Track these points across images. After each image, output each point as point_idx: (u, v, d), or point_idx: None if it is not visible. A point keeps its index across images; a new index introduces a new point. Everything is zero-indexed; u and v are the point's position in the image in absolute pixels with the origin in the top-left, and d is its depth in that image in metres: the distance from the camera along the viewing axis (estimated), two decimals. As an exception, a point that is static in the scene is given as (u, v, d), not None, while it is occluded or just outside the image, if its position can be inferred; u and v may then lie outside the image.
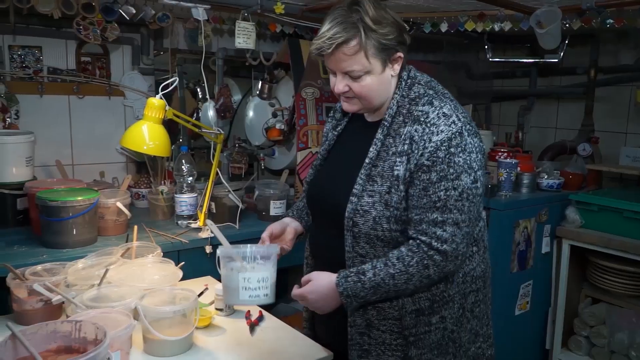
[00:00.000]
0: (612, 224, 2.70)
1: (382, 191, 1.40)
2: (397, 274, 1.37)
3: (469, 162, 1.36)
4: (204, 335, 1.56)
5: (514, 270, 2.81)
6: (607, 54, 3.40)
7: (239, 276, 1.35)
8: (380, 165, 1.42)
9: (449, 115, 1.38)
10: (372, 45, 1.36)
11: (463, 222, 1.36)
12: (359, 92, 1.43)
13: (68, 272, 1.64)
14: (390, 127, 1.44)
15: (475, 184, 1.37)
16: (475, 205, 1.39)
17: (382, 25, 1.36)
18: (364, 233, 1.42)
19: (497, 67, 3.99)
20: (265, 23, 2.98)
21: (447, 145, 1.34)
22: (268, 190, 2.69)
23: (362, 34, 1.34)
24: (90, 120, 2.86)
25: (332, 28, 1.35)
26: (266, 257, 1.40)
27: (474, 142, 1.39)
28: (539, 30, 2.54)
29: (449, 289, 1.45)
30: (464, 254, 1.41)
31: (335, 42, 1.34)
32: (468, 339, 1.52)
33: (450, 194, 1.34)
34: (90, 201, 2.13)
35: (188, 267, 1.77)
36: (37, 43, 2.67)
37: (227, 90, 2.97)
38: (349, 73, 1.40)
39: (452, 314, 1.47)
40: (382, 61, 1.40)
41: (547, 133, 3.80)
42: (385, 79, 1.44)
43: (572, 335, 2.97)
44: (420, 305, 1.44)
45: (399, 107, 1.45)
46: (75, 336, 1.23)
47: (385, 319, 1.45)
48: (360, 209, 1.41)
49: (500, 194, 2.80)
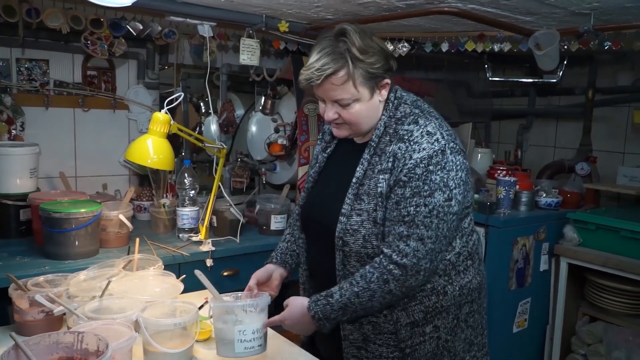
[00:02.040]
0: (609, 243, 2.72)
1: (370, 209, 1.43)
2: (360, 292, 1.39)
3: (446, 180, 1.38)
4: (204, 349, 1.57)
5: (512, 287, 2.83)
6: (605, 75, 3.44)
7: (235, 329, 1.36)
8: (367, 184, 1.45)
9: (432, 134, 1.41)
10: (359, 75, 1.40)
11: (429, 239, 1.37)
12: (348, 119, 1.46)
13: (70, 283, 1.65)
14: (377, 147, 1.48)
15: (448, 201, 1.38)
16: (447, 223, 1.40)
17: (368, 55, 1.40)
18: (354, 252, 1.45)
19: (497, 86, 4.03)
20: (269, 40, 3.02)
21: (427, 163, 1.37)
22: (269, 204, 2.71)
23: (350, 65, 1.38)
24: (94, 133, 2.89)
25: (321, 59, 1.38)
26: (261, 308, 1.43)
27: (455, 160, 1.40)
28: (537, 52, 2.58)
29: (442, 300, 1.47)
30: (427, 270, 1.41)
31: (324, 73, 1.38)
32: (462, 348, 1.54)
33: (419, 210, 1.36)
34: (92, 213, 2.15)
35: (188, 280, 1.78)
36: (44, 56, 2.71)
37: (230, 105, 3.00)
38: (339, 101, 1.44)
39: (445, 324, 1.49)
40: (370, 89, 1.44)
41: (546, 152, 3.83)
42: (373, 105, 1.47)
43: (570, 353, 2.97)
44: (415, 317, 1.46)
45: (386, 127, 1.48)
46: (77, 347, 1.24)
47: (381, 333, 1.48)
48: (349, 228, 1.44)
49: (499, 212, 2.82)
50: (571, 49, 2.69)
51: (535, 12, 2.40)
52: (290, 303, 1.50)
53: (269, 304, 1.47)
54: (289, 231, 1.81)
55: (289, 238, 1.79)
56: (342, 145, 1.65)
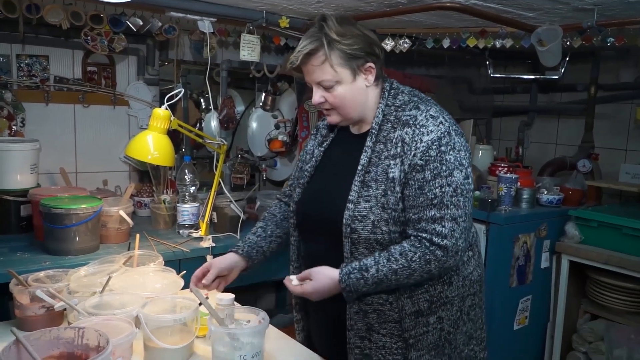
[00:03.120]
0: (611, 240, 2.72)
1: (378, 195, 1.44)
2: (399, 269, 1.40)
3: (459, 159, 1.42)
4: (204, 344, 1.56)
5: (513, 284, 2.82)
6: (608, 71, 3.43)
7: (236, 354, 1.37)
8: (373, 171, 1.46)
9: (436, 117, 1.45)
10: (336, 55, 1.44)
11: (460, 217, 1.40)
12: (333, 102, 1.50)
13: (70, 279, 1.65)
14: (378, 134, 1.50)
15: (467, 179, 1.43)
16: (469, 201, 1.44)
17: (346, 37, 1.44)
18: (363, 238, 1.45)
19: (498, 82, 4.03)
20: (269, 36, 3.01)
21: (438, 144, 1.40)
22: (270, 201, 2.70)
23: (326, 45, 1.44)
24: (94, 129, 2.89)
25: (301, 43, 1.47)
26: (260, 334, 1.43)
27: (461, 141, 1.45)
28: (539, 48, 2.57)
29: (447, 290, 1.49)
30: (463, 249, 1.44)
31: (302, 53, 1.45)
32: (463, 341, 1.55)
33: (445, 191, 1.39)
34: (93, 209, 2.15)
35: (188, 277, 1.78)
36: (45, 52, 2.70)
37: (230, 101, 3.00)
38: (321, 83, 1.48)
39: (449, 316, 1.50)
40: (351, 70, 1.47)
41: (547, 149, 3.82)
42: (358, 89, 1.50)
43: (571, 351, 2.97)
44: (420, 306, 1.47)
45: (385, 115, 1.51)
46: (78, 343, 1.24)
47: (385, 322, 1.48)
48: (358, 215, 1.45)
49: (500, 209, 2.82)
50: (574, 45, 2.68)
51: (537, 8, 2.39)
52: (315, 276, 1.47)
53: None
54: (261, 225, 1.80)
55: (260, 232, 1.77)
56: (339, 139, 1.67)
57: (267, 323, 1.46)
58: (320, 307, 1.61)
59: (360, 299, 1.49)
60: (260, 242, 1.75)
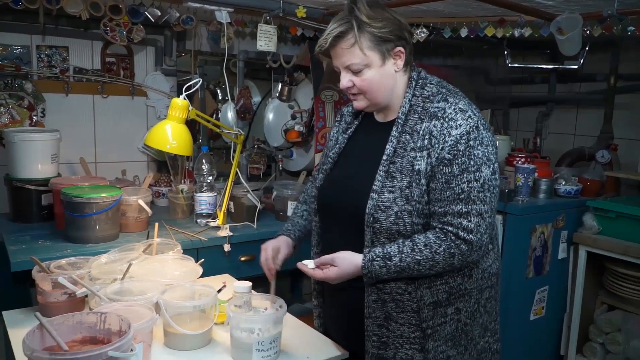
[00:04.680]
0: (629, 231, 2.69)
1: (403, 186, 1.43)
2: (422, 261, 1.40)
3: (487, 155, 1.41)
4: (222, 331, 1.59)
5: (530, 275, 2.81)
6: (628, 61, 3.38)
7: (254, 340, 1.40)
8: (399, 162, 1.46)
9: (465, 111, 1.43)
10: (366, 38, 1.44)
11: (486, 213, 1.41)
12: (361, 86, 1.49)
13: (92, 266, 1.68)
14: (405, 125, 1.49)
15: (494, 175, 1.42)
16: (495, 196, 1.44)
17: (376, 20, 1.43)
18: (385, 229, 1.45)
19: (516, 72, 3.98)
20: (286, 26, 3.01)
21: (467, 139, 1.40)
22: (286, 191, 2.72)
23: (355, 28, 1.43)
24: (113, 119, 2.92)
25: (330, 26, 1.46)
26: (278, 321, 1.45)
27: (489, 136, 1.44)
28: (559, 36, 2.54)
29: (466, 282, 1.49)
30: (486, 244, 1.44)
31: (331, 36, 1.44)
32: (479, 333, 1.55)
33: (472, 186, 1.39)
34: (113, 198, 2.18)
35: (206, 265, 1.80)
36: (64, 43, 2.74)
37: (247, 91, 3.01)
38: (350, 67, 1.47)
39: (467, 307, 1.50)
40: (380, 54, 1.46)
41: (566, 139, 3.78)
42: (387, 73, 1.49)
43: (587, 342, 2.95)
44: (439, 297, 1.47)
45: (412, 106, 1.50)
46: (100, 327, 1.27)
47: (403, 311, 1.48)
48: (381, 205, 1.44)
49: (518, 199, 2.80)
50: (594, 34, 2.64)
51: (557, -4, 2.37)
52: (339, 262, 1.48)
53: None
54: (304, 208, 1.82)
55: (306, 216, 1.80)
56: (363, 126, 1.66)
57: (285, 310, 1.48)
58: (338, 294, 1.63)
59: (380, 288, 1.50)
60: (308, 225, 1.78)
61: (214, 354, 1.48)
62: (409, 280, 1.47)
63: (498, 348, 1.65)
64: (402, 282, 1.47)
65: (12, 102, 2.61)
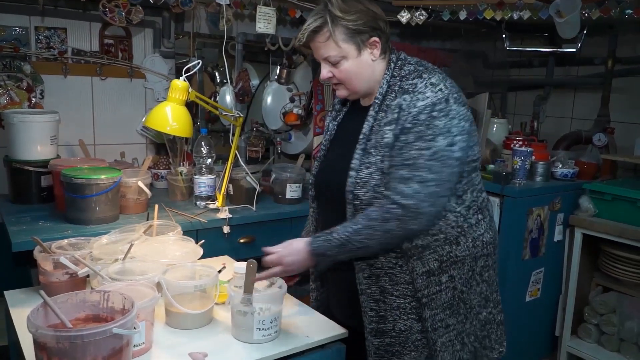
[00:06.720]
0: (625, 214, 2.72)
1: (377, 161, 1.48)
2: (360, 229, 1.44)
3: (449, 127, 1.42)
4: (223, 311, 1.61)
5: (526, 257, 2.84)
6: (626, 44, 3.38)
7: (254, 319, 1.42)
8: (374, 138, 1.50)
9: (436, 84, 1.46)
10: (340, 32, 1.49)
11: (430, 182, 1.41)
12: (340, 77, 1.55)
13: (93, 246, 1.69)
14: (382, 104, 1.53)
15: (451, 146, 1.42)
16: (449, 168, 1.43)
17: (349, 13, 1.48)
18: (365, 204, 1.49)
19: (514, 56, 3.98)
20: (285, 8, 3.00)
21: (430, 110, 1.42)
22: (285, 173, 2.73)
23: (330, 22, 1.48)
24: (111, 101, 2.92)
25: (307, 21, 1.52)
26: (278, 299, 1.47)
27: (459, 110, 1.45)
28: (558, 19, 2.54)
29: (455, 250, 1.51)
30: (429, 214, 1.43)
31: (307, 31, 1.50)
32: (478, 302, 1.58)
33: (422, 154, 1.41)
34: (113, 179, 2.19)
35: (205, 247, 1.81)
36: (63, 25, 2.72)
37: (246, 74, 3.00)
38: (328, 59, 1.53)
39: (461, 274, 1.53)
40: (355, 45, 1.50)
41: (563, 123, 3.79)
42: (364, 63, 1.53)
43: (582, 323, 3.00)
44: (430, 266, 1.50)
45: (391, 85, 1.53)
46: (103, 306, 1.28)
47: (398, 284, 1.52)
48: (359, 182, 1.49)
49: (514, 182, 2.82)
50: (592, 17, 2.64)
51: (556, -21, 2.36)
52: (288, 242, 1.53)
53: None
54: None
55: None
56: (350, 112, 1.71)
57: (285, 290, 1.50)
58: (336, 275, 1.66)
59: (371, 264, 1.54)
60: None
61: (215, 333, 1.50)
62: (398, 254, 1.51)
63: (502, 319, 1.68)
64: (391, 257, 1.51)
65: (10, 84, 2.60)
